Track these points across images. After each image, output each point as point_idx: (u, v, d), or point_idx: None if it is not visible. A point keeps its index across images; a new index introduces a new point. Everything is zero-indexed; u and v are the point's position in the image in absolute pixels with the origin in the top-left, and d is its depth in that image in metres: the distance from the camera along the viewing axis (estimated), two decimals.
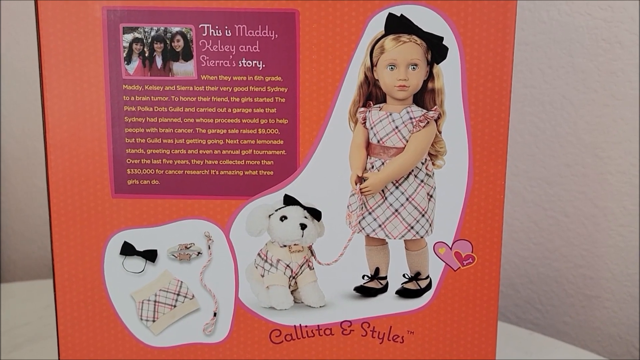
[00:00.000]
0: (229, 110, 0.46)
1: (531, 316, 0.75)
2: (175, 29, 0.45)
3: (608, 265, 0.72)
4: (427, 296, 0.48)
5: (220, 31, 0.45)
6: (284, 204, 0.47)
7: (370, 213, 0.48)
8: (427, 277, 0.48)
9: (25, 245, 0.85)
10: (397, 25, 0.44)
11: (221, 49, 0.45)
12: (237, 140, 0.46)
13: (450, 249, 0.48)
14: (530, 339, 0.65)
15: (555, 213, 0.72)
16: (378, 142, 0.47)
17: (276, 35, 0.45)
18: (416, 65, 0.45)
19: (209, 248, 0.48)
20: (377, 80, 0.46)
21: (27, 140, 0.82)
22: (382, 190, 0.47)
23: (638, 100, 0.67)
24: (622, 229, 0.70)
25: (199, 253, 0.48)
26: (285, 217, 0.47)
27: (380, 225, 0.48)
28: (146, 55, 0.45)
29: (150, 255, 0.48)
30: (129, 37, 0.45)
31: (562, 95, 0.69)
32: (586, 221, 0.71)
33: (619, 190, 0.70)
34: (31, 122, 0.81)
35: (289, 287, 0.49)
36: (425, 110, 0.46)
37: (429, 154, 0.47)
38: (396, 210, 0.48)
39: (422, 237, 0.48)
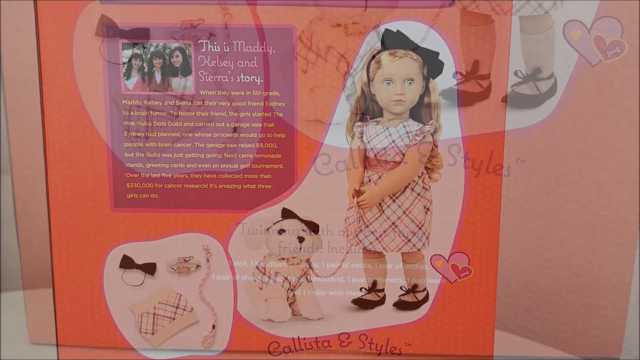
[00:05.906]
0: (227, 124, 0.46)
1: (530, 325, 0.76)
2: (174, 44, 0.45)
3: (606, 274, 0.72)
4: (424, 308, 0.49)
5: (218, 47, 0.45)
6: (282, 217, 0.47)
7: (367, 226, 0.48)
8: (424, 289, 0.48)
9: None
10: (394, 41, 0.45)
11: (220, 64, 0.45)
12: (235, 155, 0.46)
13: (447, 261, 0.48)
14: (529, 348, 0.65)
15: (552, 222, 0.72)
16: (375, 155, 0.47)
17: (274, 51, 0.45)
18: (412, 80, 0.45)
19: (208, 261, 0.48)
20: (374, 94, 0.46)
21: (27, 149, 0.82)
22: (379, 204, 0.48)
23: (636, 109, 0.67)
24: (619, 237, 0.71)
25: (197, 266, 0.48)
26: (283, 231, 0.47)
27: (377, 238, 0.48)
28: (145, 70, 0.45)
29: (149, 269, 0.48)
30: (128, 52, 0.45)
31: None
32: (584, 229, 0.72)
33: (617, 199, 0.70)
34: (31, 131, 0.81)
35: (287, 300, 0.49)
36: (421, 125, 0.46)
37: (426, 168, 0.47)
38: (393, 224, 0.48)
39: (419, 250, 0.48)
